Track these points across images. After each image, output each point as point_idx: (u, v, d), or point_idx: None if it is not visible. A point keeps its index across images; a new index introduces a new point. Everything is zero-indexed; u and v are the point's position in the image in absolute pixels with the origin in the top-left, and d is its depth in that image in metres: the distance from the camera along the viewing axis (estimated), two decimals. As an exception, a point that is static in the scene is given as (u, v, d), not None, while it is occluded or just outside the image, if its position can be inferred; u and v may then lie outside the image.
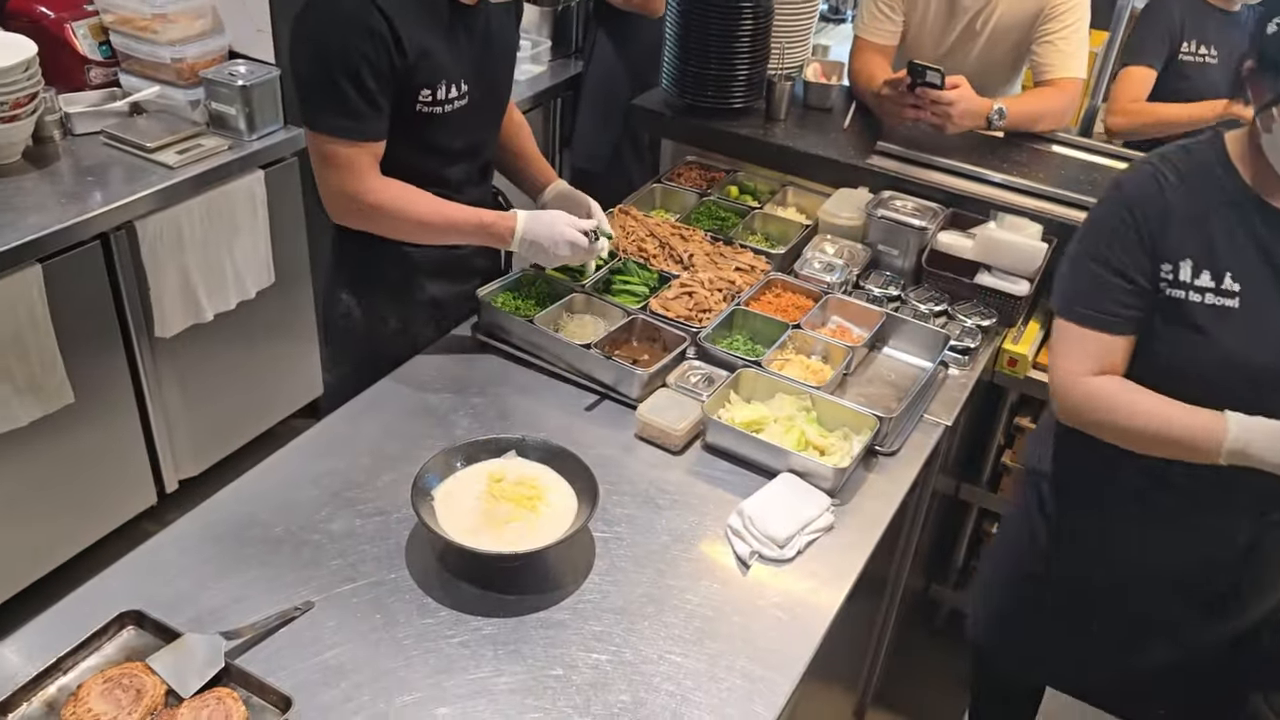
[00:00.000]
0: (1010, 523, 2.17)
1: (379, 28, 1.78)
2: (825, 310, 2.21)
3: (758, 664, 1.50)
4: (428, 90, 1.90)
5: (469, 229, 1.97)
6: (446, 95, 1.93)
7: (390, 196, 1.91)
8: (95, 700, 1.33)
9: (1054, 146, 2.78)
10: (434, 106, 1.92)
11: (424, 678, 1.44)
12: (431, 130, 1.96)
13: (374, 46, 1.79)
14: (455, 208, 1.96)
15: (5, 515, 2.58)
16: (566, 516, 1.62)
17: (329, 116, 1.83)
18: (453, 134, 2.01)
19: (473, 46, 1.98)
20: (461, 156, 2.08)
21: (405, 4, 1.82)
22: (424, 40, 1.85)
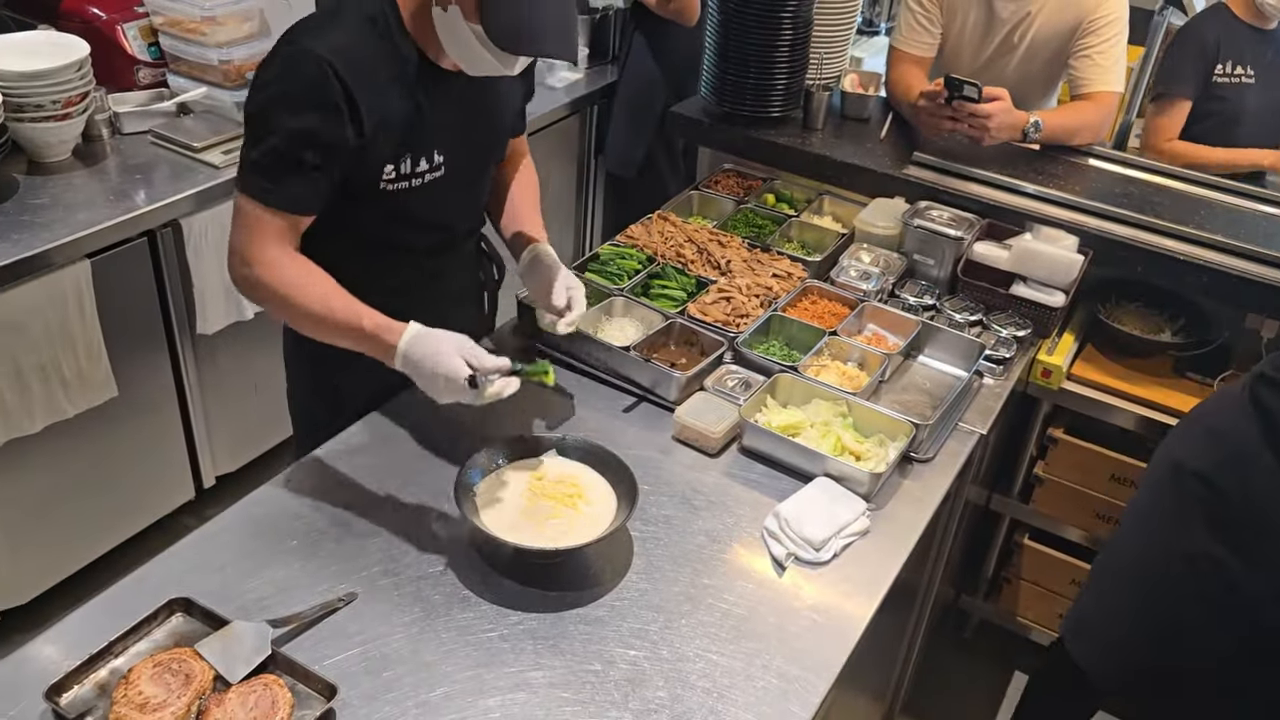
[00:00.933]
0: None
1: (334, 99, 1.59)
2: (861, 318, 2.22)
3: (793, 664, 1.52)
4: (391, 166, 1.72)
5: (352, 333, 1.66)
6: (414, 169, 1.75)
7: (279, 276, 1.66)
8: (145, 683, 1.36)
9: (1090, 160, 2.78)
10: (399, 182, 1.74)
11: (464, 670, 1.46)
12: (398, 203, 1.77)
13: (324, 120, 1.60)
14: (345, 305, 1.66)
15: (49, 506, 2.63)
16: (606, 515, 1.64)
17: (252, 174, 1.64)
18: (424, 206, 1.81)
19: (454, 113, 1.78)
20: (435, 226, 1.90)
21: (371, 71, 1.63)
22: (390, 112, 1.67)
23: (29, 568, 2.66)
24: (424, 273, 1.92)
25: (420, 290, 1.91)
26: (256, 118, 1.64)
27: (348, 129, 1.62)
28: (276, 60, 1.62)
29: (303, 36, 1.62)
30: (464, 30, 1.59)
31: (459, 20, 1.58)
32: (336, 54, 1.58)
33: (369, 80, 1.62)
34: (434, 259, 1.94)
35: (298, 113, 1.60)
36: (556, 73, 3.75)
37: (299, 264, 1.69)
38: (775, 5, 2.67)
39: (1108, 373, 2.45)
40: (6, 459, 2.48)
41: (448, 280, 2.00)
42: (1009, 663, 2.90)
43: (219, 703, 1.35)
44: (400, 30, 1.66)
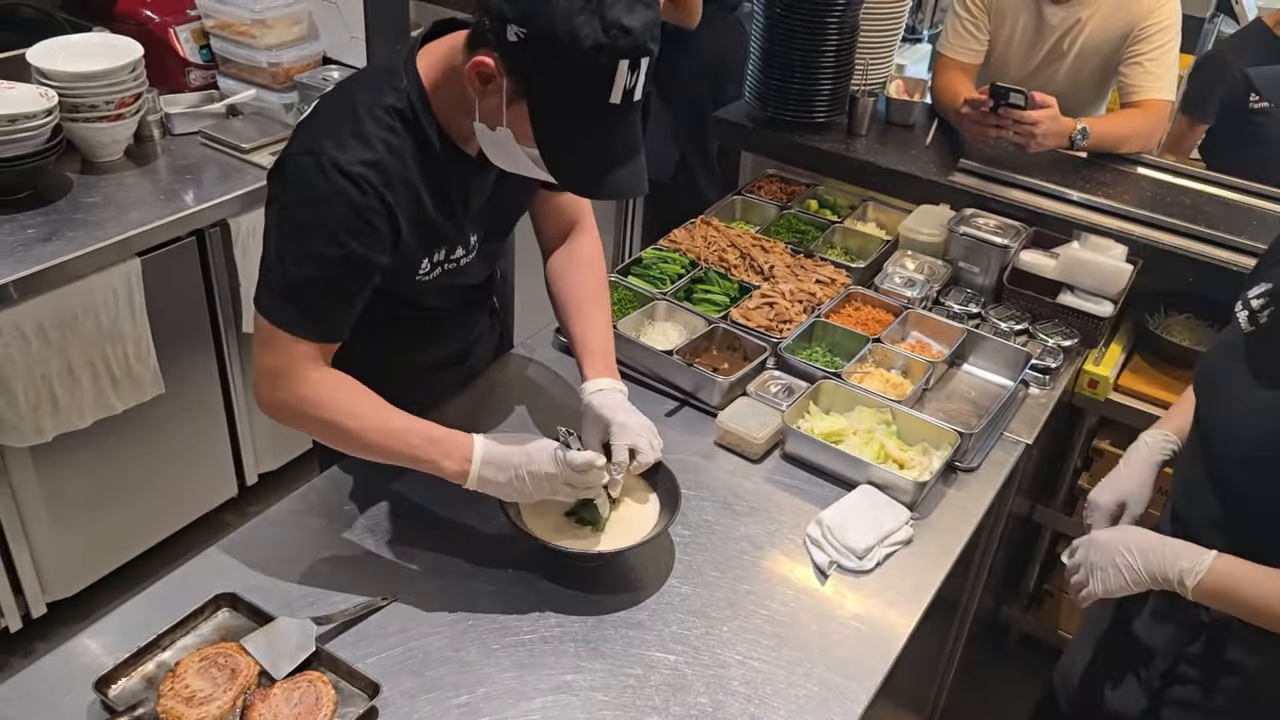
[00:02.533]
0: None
1: (374, 220, 1.46)
2: (905, 325, 2.21)
3: (835, 673, 1.51)
4: (427, 260, 1.61)
5: (416, 443, 1.52)
6: (449, 256, 1.64)
7: (323, 402, 1.51)
8: (192, 677, 1.37)
9: (1139, 168, 2.75)
10: (434, 270, 1.64)
11: (505, 671, 1.46)
12: (430, 287, 1.67)
13: (364, 244, 1.46)
14: (402, 420, 1.54)
15: (96, 500, 2.67)
16: (649, 519, 1.64)
17: (282, 302, 1.48)
18: (456, 283, 1.73)
19: (484, 193, 1.65)
20: (463, 293, 1.82)
21: (404, 173, 1.49)
22: (426, 212, 1.54)
23: (77, 561, 2.70)
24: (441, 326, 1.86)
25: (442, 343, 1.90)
26: (284, 240, 1.47)
27: (386, 250, 1.51)
28: (303, 176, 1.44)
29: (328, 146, 1.43)
30: (515, 149, 1.43)
31: (510, 142, 1.43)
32: (370, 167, 1.44)
33: (403, 185, 1.49)
34: (458, 314, 1.87)
35: (336, 241, 1.45)
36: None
37: (338, 380, 1.54)
38: (821, 10, 2.66)
39: (1156, 384, 2.41)
40: (56, 454, 2.52)
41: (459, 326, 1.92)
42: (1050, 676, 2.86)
43: (264, 698, 1.36)
44: (427, 116, 1.49)
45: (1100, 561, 1.65)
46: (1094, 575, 1.65)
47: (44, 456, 2.50)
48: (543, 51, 1.32)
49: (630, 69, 1.34)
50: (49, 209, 2.53)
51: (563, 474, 1.50)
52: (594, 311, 1.80)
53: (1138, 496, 1.83)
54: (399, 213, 1.49)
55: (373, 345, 1.64)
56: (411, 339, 1.82)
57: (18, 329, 2.31)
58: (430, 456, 1.51)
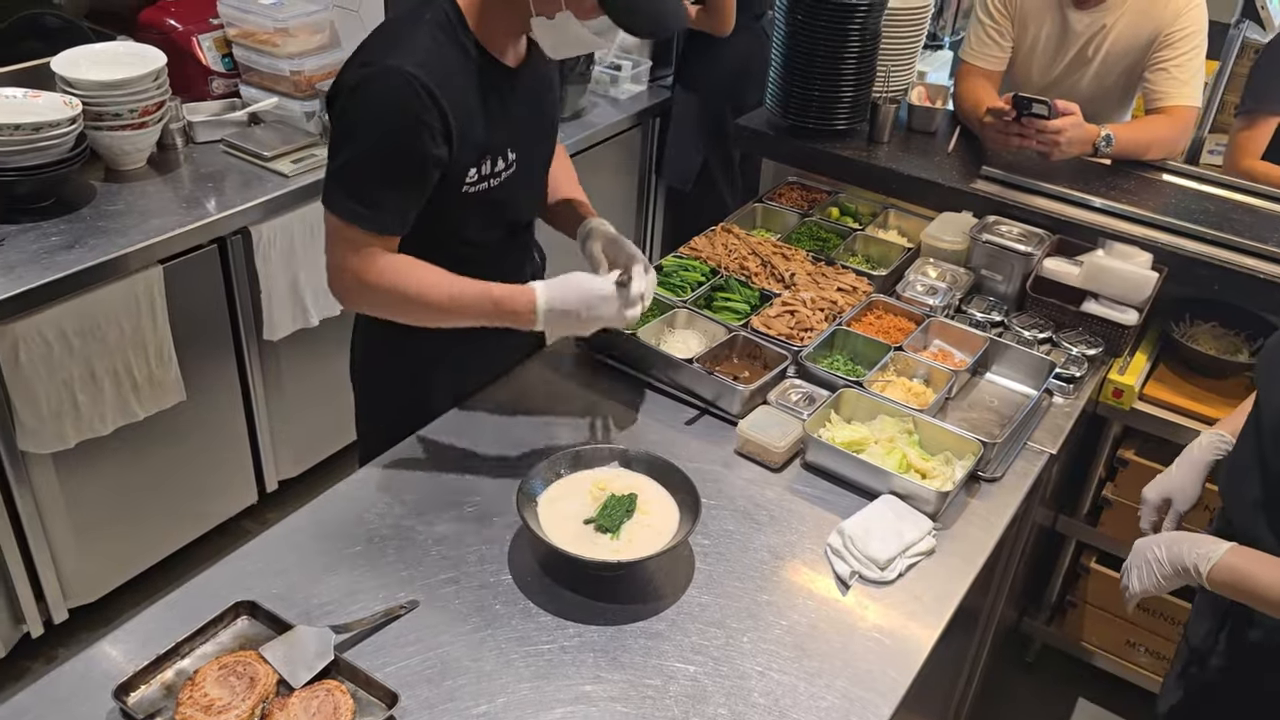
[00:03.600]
0: None
1: (427, 117, 1.60)
2: (927, 333, 2.19)
3: (857, 685, 1.49)
4: (474, 170, 1.72)
5: (482, 308, 1.71)
6: (493, 169, 1.75)
7: (394, 280, 1.68)
8: (211, 685, 1.37)
9: (1164, 175, 2.72)
10: (480, 184, 1.75)
11: (524, 681, 1.45)
12: (477, 203, 1.77)
13: (419, 140, 1.61)
14: (464, 284, 1.71)
15: (117, 507, 2.68)
16: (668, 528, 1.63)
17: (351, 203, 1.64)
18: (499, 203, 1.82)
19: (520, 109, 1.79)
20: (506, 222, 1.91)
21: (452, 80, 1.63)
22: (471, 118, 1.68)
23: (98, 567, 2.71)
24: (486, 270, 1.88)
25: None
26: (348, 140, 1.63)
27: (441, 145, 1.63)
28: (362, 82, 1.59)
29: (383, 55, 1.59)
30: (575, 28, 1.64)
31: (570, 22, 1.63)
32: (422, 68, 1.58)
33: (451, 90, 1.62)
34: (497, 255, 1.94)
35: (393, 137, 1.60)
36: (620, 84, 3.76)
37: (406, 263, 1.70)
38: (843, 17, 2.65)
39: (1181, 393, 2.38)
40: (79, 460, 2.53)
41: (507, 275, 1.94)
42: (1072, 689, 2.83)
43: (282, 707, 1.35)
44: (465, 31, 1.66)
45: (1135, 560, 1.73)
46: (1130, 574, 1.74)
47: (66, 463, 2.51)
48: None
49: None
50: (72, 216, 2.55)
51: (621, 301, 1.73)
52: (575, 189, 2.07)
53: (1183, 493, 1.88)
54: (449, 114, 1.62)
55: None
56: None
57: (41, 335, 2.33)
58: (499, 316, 1.71)
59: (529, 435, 1.90)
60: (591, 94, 3.66)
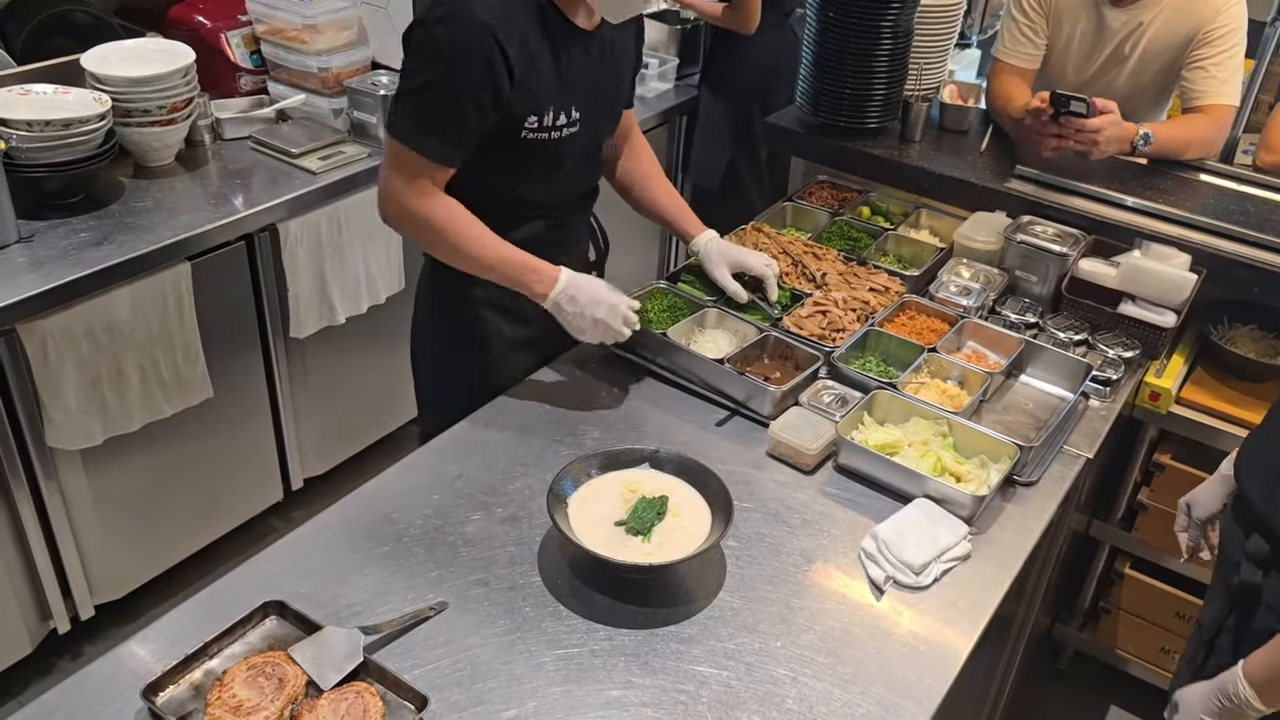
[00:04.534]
0: None
1: (494, 60, 1.71)
2: (961, 334, 2.16)
3: (892, 692, 1.47)
4: (535, 117, 1.82)
5: (509, 264, 1.86)
6: (554, 122, 1.85)
7: (443, 216, 1.83)
8: (240, 686, 1.36)
9: (1201, 175, 2.68)
10: (540, 133, 1.84)
11: (555, 685, 1.44)
12: (534, 152, 1.87)
13: (484, 79, 1.73)
14: (499, 242, 1.85)
15: (144, 504, 2.68)
16: (700, 531, 1.60)
17: (415, 130, 1.77)
18: (556, 159, 1.91)
19: (589, 69, 1.88)
20: (562, 183, 1.99)
21: (521, 28, 1.74)
22: (538, 67, 1.78)
23: (124, 564, 2.71)
24: (541, 241, 1.96)
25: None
26: (417, 71, 1.75)
27: (504, 85, 1.74)
28: (436, 20, 1.71)
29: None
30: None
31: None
32: (493, 13, 1.70)
33: (520, 38, 1.73)
34: (553, 225, 2.01)
35: (459, 70, 1.71)
36: (647, 82, 3.73)
37: (454, 205, 1.83)
38: (875, 14, 2.62)
39: (1219, 397, 2.34)
40: (106, 457, 2.53)
41: (561, 251, 2.00)
42: (1105, 696, 2.79)
43: (311, 708, 1.34)
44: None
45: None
46: None
47: (93, 459, 2.52)
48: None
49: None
50: (101, 213, 2.55)
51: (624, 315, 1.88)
52: (671, 187, 2.22)
53: (1202, 502, 1.95)
54: (514, 60, 1.73)
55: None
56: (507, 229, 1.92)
57: (69, 332, 2.33)
58: (523, 278, 1.85)
59: (557, 435, 1.89)
60: (618, 92, 3.64)
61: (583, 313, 1.85)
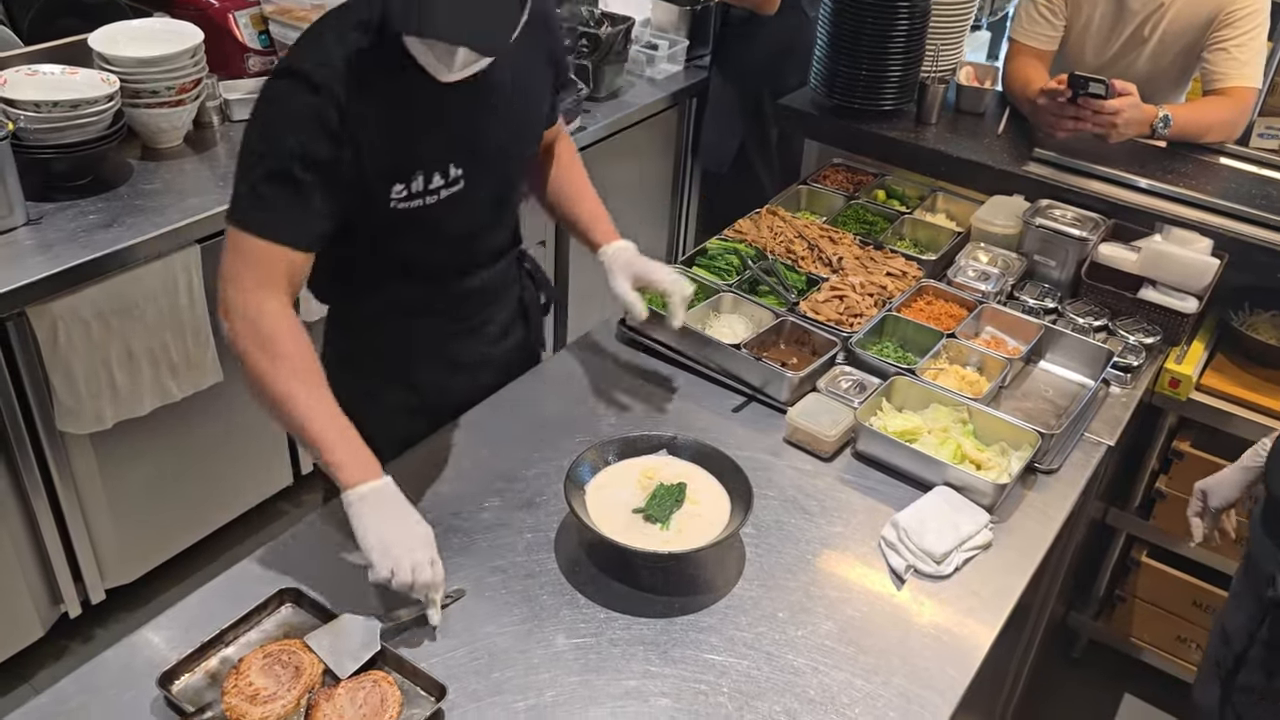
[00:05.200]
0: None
1: (325, 118, 1.47)
2: (979, 320, 2.13)
3: (914, 683, 1.45)
4: (401, 186, 1.57)
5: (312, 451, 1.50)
6: (427, 186, 1.60)
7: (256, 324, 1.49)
8: (256, 674, 1.34)
9: (1221, 158, 2.64)
10: (412, 200, 1.59)
11: (573, 674, 1.42)
12: (414, 222, 1.63)
13: (315, 140, 1.48)
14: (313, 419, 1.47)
15: (155, 488, 2.67)
16: (719, 518, 1.58)
17: (248, 206, 1.51)
18: (445, 223, 1.68)
19: (468, 121, 1.61)
20: (460, 243, 1.75)
21: (367, 84, 1.49)
22: (391, 127, 1.53)
23: (135, 548, 2.70)
24: (454, 297, 1.79)
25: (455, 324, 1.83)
26: (247, 143, 1.52)
27: (343, 149, 1.49)
28: (266, 87, 1.52)
29: (294, 56, 1.51)
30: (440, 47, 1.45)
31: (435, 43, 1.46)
32: (324, 68, 1.47)
33: (364, 94, 1.49)
34: (467, 286, 1.79)
35: (287, 134, 1.48)
36: (656, 64, 3.70)
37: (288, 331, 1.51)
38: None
39: (1239, 384, 2.31)
40: (116, 441, 2.52)
41: (486, 304, 1.85)
42: (1120, 685, 2.78)
43: (328, 697, 1.32)
44: (395, 40, 1.48)
45: None
46: None
47: (104, 443, 2.50)
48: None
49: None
50: (110, 195, 2.52)
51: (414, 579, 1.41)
52: (592, 195, 1.96)
53: (1219, 491, 1.93)
54: (354, 119, 1.48)
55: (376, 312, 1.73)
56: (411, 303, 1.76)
57: (78, 315, 2.31)
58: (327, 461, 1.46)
59: (572, 420, 1.87)
60: (628, 74, 3.60)
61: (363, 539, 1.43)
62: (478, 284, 1.81)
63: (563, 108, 1.98)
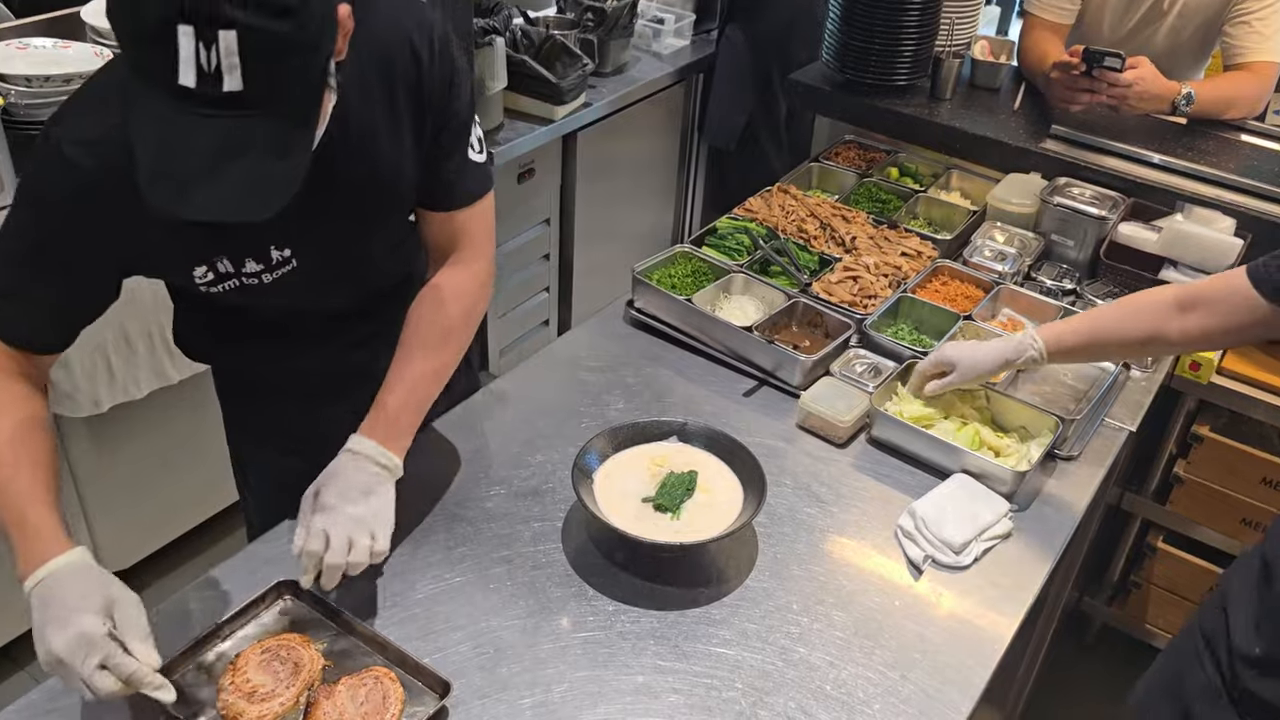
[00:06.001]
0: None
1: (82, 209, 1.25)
2: (996, 301, 2.08)
3: (934, 677, 1.40)
4: (204, 268, 1.35)
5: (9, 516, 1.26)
6: (239, 269, 1.36)
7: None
8: (254, 671, 1.29)
9: (1243, 135, 2.58)
10: (222, 283, 1.37)
11: (581, 669, 1.37)
12: (240, 302, 1.42)
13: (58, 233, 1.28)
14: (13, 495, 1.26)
15: (150, 473, 2.63)
16: (731, 508, 1.53)
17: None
18: (275, 301, 1.44)
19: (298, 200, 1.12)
20: (303, 314, 1.54)
21: None
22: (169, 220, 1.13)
23: (132, 533, 2.66)
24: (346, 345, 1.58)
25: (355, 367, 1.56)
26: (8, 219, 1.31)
27: (96, 239, 1.28)
28: (34, 149, 1.30)
29: (64, 116, 1.27)
30: None
31: None
32: (89, 146, 1.22)
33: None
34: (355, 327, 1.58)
35: (30, 226, 1.29)
36: (663, 39, 3.62)
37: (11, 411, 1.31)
38: (906, -34, 2.52)
39: (1261, 367, 2.25)
40: (112, 425, 2.47)
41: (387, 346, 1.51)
42: (1133, 671, 2.72)
43: (329, 695, 1.28)
44: None
45: None
46: None
47: (100, 428, 2.45)
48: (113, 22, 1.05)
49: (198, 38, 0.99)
50: (104, 173, 2.46)
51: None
52: (419, 358, 1.47)
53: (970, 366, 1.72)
54: (124, 201, 1.15)
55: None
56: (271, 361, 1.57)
57: (73, 296, 2.25)
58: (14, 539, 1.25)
59: (577, 406, 1.81)
60: (634, 48, 3.53)
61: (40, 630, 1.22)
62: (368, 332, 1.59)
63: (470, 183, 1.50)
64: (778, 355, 1.87)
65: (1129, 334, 1.62)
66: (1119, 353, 1.76)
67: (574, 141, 3.20)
